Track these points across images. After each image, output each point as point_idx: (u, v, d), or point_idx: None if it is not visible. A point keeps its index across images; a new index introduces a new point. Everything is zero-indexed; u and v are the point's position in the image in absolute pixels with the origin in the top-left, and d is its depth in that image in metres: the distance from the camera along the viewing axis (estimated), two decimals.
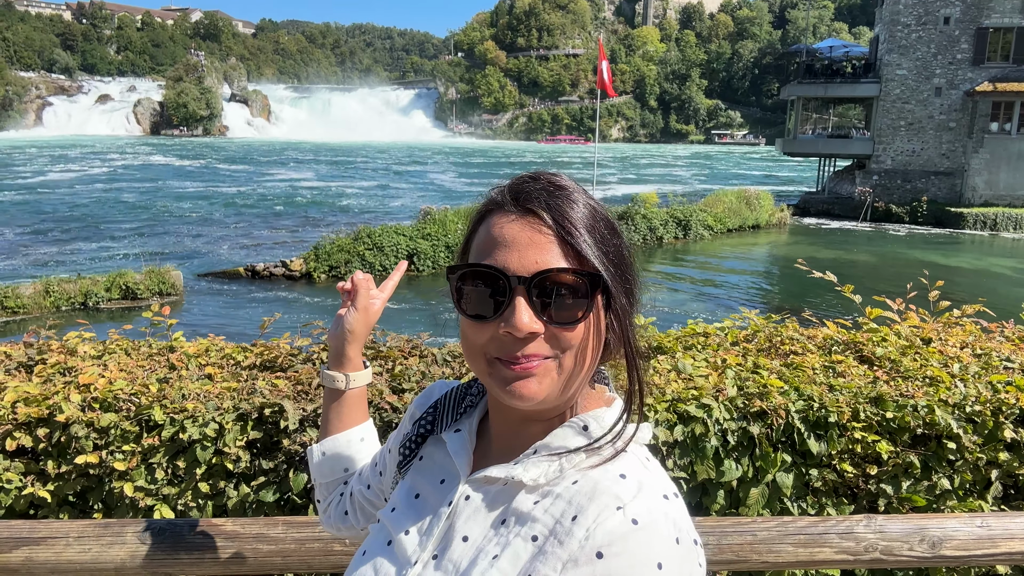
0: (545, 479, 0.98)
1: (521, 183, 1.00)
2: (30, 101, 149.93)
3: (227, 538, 1.93)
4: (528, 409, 1.00)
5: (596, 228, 0.98)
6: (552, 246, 0.95)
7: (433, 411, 1.19)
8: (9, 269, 21.41)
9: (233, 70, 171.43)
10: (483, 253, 0.98)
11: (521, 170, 1.08)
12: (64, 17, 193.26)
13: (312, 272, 20.66)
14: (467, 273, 0.99)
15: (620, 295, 0.99)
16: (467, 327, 1.00)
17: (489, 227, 0.99)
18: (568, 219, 0.96)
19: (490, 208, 1.02)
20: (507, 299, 0.95)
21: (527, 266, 0.95)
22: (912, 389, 2.59)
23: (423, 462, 1.17)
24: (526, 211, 0.97)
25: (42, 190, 44.28)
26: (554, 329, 0.96)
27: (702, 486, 2.51)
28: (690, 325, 3.37)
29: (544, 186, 0.99)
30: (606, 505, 0.90)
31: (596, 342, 1.01)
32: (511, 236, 0.96)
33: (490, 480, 1.02)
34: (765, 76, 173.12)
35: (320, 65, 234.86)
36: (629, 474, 0.95)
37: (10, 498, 2.44)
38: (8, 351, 2.94)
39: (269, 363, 2.93)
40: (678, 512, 0.93)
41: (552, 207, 0.96)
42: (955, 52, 37.31)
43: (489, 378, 1.00)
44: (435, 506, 1.06)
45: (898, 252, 28.15)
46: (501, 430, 1.09)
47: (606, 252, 0.98)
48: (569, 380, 0.99)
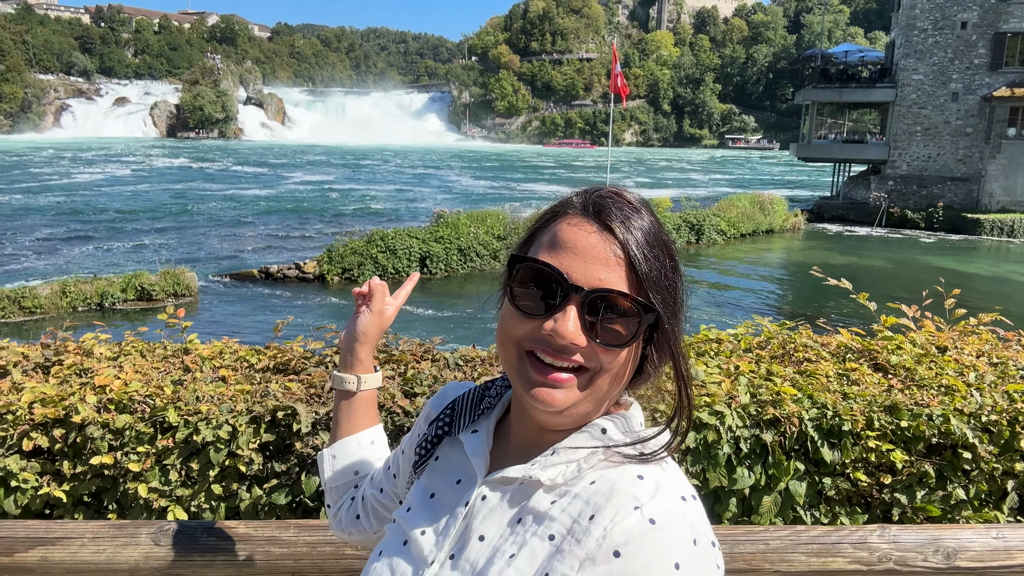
0: (563, 479, 0.99)
1: (602, 196, 1.01)
2: (49, 103, 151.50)
3: (239, 540, 1.94)
4: (546, 419, 1.01)
5: (660, 259, 0.99)
6: (619, 268, 0.96)
7: (451, 412, 1.20)
8: (29, 269, 21.62)
9: (249, 73, 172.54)
10: (550, 252, 0.99)
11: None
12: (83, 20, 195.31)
13: (325, 274, 20.74)
14: (529, 266, 0.99)
15: (671, 328, 1.01)
16: (509, 317, 1.01)
17: (562, 229, 1.00)
18: (640, 246, 0.97)
19: (567, 210, 1.02)
20: (559, 304, 0.96)
21: (589, 279, 0.96)
22: (927, 398, 2.57)
23: (439, 462, 1.17)
24: (604, 226, 0.98)
25: (61, 192, 44.71)
26: (596, 347, 0.97)
27: (714, 494, 2.50)
28: (703, 331, 3.36)
29: (622, 205, 1.00)
30: (623, 505, 0.91)
31: (629, 369, 1.02)
32: (583, 245, 0.97)
33: (507, 480, 1.03)
34: (779, 81, 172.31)
35: (335, 68, 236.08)
36: (647, 475, 0.96)
37: (26, 498, 2.46)
38: (26, 352, 2.97)
39: (282, 366, 2.95)
40: (696, 514, 0.94)
41: (629, 229, 0.98)
42: (972, 57, 37.02)
43: (516, 373, 1.01)
44: (451, 506, 1.07)
45: (914, 258, 27.94)
46: (519, 432, 1.10)
47: (664, 285, 0.99)
48: (594, 399, 1.01)
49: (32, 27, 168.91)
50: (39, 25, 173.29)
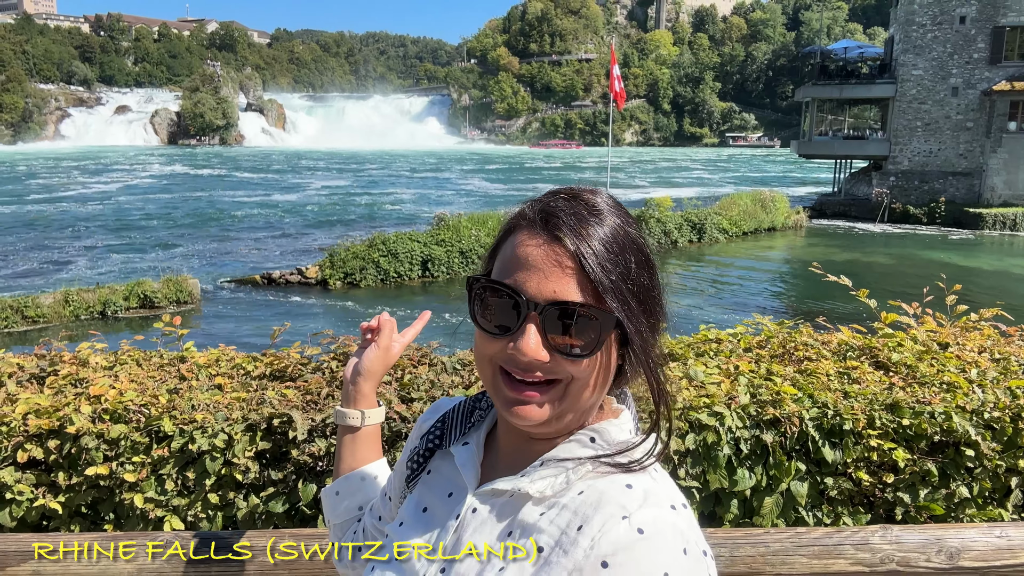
0: (551, 491, 0.98)
1: (555, 203, 0.98)
2: (50, 113, 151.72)
3: (234, 551, 1.92)
4: (529, 429, 1.01)
5: (622, 260, 0.96)
6: (571, 278, 0.94)
7: (441, 424, 1.19)
8: (31, 279, 21.65)
9: (249, 80, 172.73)
10: (505, 270, 0.98)
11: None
12: (82, 29, 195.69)
13: (328, 279, 20.72)
14: (486, 286, 0.99)
15: (642, 331, 0.97)
16: (479, 337, 1.01)
17: (515, 245, 0.98)
18: (593, 252, 0.94)
19: (519, 224, 1.00)
20: (519, 322, 0.95)
21: (544, 293, 0.94)
22: (929, 395, 2.54)
23: (431, 476, 1.17)
24: (553, 237, 0.95)
25: (68, 201, 44.81)
26: (560, 360, 0.96)
27: (715, 495, 2.48)
28: (702, 331, 3.34)
29: (576, 210, 0.97)
30: (611, 514, 0.90)
31: (604, 375, 1.00)
32: (534, 259, 0.95)
33: (497, 492, 1.02)
34: (779, 78, 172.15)
35: (334, 73, 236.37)
36: (636, 484, 0.95)
37: (22, 510, 2.44)
38: (21, 362, 2.96)
39: (279, 373, 2.93)
40: (686, 522, 0.92)
41: (580, 236, 0.94)
42: (971, 51, 36.94)
43: (493, 390, 1.01)
44: (443, 519, 1.07)
45: (916, 254, 27.86)
46: (509, 443, 1.09)
47: (629, 287, 0.96)
48: (571, 408, 1.00)
49: (32, 37, 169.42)
50: (39, 35, 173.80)
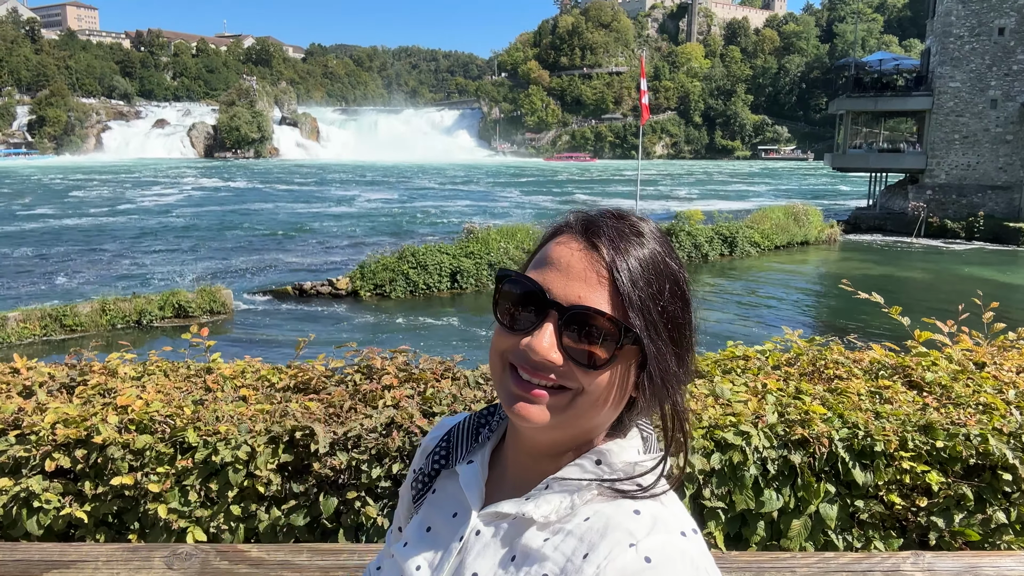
0: (556, 516, 0.96)
1: (600, 217, 0.99)
2: (91, 126, 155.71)
3: (252, 564, 1.92)
4: (530, 436, 0.99)
5: (655, 282, 0.94)
6: (601, 287, 0.93)
7: (446, 443, 1.17)
8: (74, 288, 22.14)
9: (284, 94, 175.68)
10: (537, 268, 0.98)
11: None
12: (123, 45, 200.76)
13: (358, 290, 20.89)
14: (512, 280, 0.99)
15: (664, 356, 0.95)
16: (497, 330, 1.01)
17: (552, 246, 0.99)
18: (628, 266, 0.93)
19: (562, 229, 1.01)
20: (538, 320, 0.94)
21: (568, 296, 0.93)
22: (964, 417, 2.46)
23: (436, 495, 1.15)
24: (591, 244, 0.95)
25: (104, 214, 45.83)
26: (573, 367, 0.94)
27: (741, 516, 2.42)
28: (729, 347, 3.28)
29: (620, 227, 0.97)
30: (618, 542, 0.87)
31: (618, 395, 0.97)
32: (567, 261, 0.95)
33: (501, 515, 1.00)
34: (813, 90, 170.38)
35: (367, 88, 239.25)
36: (643, 509, 0.93)
37: (49, 518, 2.47)
38: (52, 371, 3.01)
39: (302, 385, 2.94)
40: (696, 550, 0.89)
41: (617, 249, 0.94)
42: (1011, 63, 36.21)
43: (500, 385, 1.00)
44: (447, 541, 1.05)
45: (953, 269, 27.27)
46: (514, 460, 1.07)
47: (658, 310, 0.94)
48: (575, 422, 0.97)
49: (75, 52, 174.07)
50: (81, 51, 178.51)
